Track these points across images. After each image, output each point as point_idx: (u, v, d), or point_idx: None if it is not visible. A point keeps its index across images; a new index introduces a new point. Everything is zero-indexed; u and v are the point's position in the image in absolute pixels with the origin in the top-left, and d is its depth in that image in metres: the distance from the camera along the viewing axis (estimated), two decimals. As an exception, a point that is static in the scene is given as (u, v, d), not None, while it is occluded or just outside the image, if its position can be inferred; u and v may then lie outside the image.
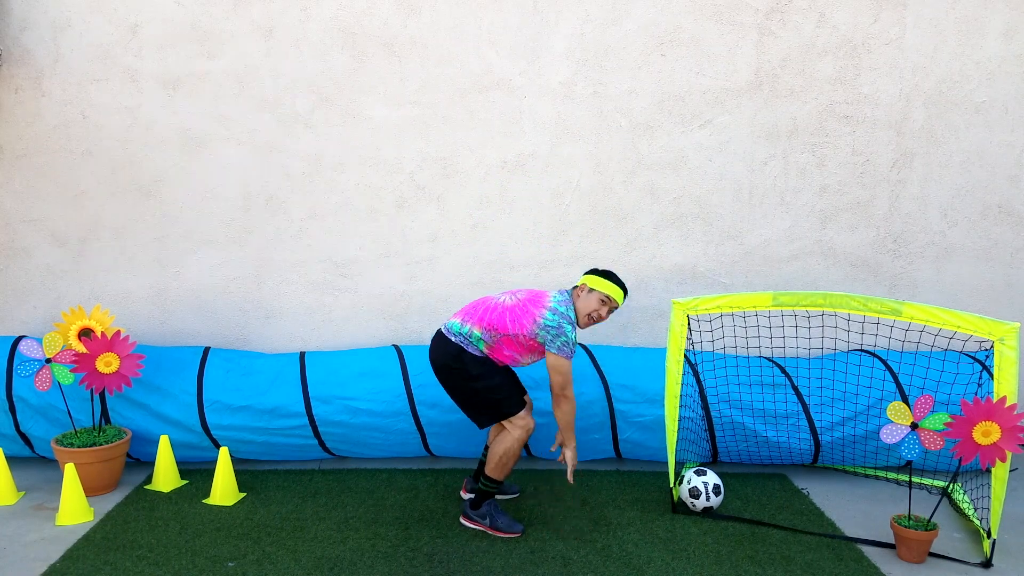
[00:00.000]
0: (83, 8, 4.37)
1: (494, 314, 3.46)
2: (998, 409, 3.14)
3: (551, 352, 3.41)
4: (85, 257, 4.60)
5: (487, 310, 3.49)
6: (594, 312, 3.50)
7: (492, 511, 3.59)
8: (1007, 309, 4.75)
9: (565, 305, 3.46)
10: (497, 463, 3.53)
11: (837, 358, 4.35)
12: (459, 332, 3.50)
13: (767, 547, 3.48)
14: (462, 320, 3.52)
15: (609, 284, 3.51)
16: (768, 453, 4.20)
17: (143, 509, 3.77)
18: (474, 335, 3.47)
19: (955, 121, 4.60)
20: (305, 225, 4.62)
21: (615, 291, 3.51)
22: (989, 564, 3.34)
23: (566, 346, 3.39)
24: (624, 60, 4.51)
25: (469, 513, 3.63)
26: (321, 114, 4.51)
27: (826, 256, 4.72)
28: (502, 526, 3.56)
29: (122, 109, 4.47)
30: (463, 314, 3.54)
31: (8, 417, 4.06)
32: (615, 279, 3.54)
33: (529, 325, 3.41)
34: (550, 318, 3.40)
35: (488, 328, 3.45)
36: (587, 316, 3.50)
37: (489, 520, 3.58)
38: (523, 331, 3.42)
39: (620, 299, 3.54)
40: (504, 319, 3.44)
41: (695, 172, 4.63)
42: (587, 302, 3.50)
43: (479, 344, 3.47)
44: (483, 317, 3.47)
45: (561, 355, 3.40)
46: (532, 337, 3.42)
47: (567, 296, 3.52)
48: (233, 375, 4.20)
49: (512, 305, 3.47)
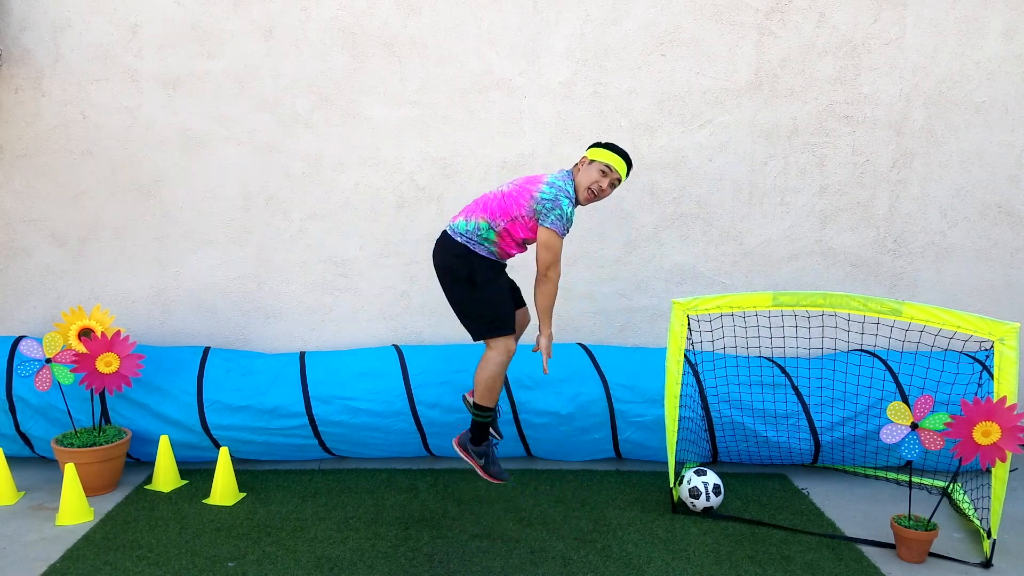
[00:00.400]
0: (83, 8, 4.37)
1: (495, 202, 3.38)
2: (998, 409, 3.14)
3: (543, 226, 3.30)
4: (85, 257, 4.60)
5: (487, 201, 3.41)
6: (594, 184, 3.38)
7: (489, 453, 3.49)
8: (1007, 309, 4.74)
9: (563, 180, 3.37)
10: (483, 389, 3.40)
11: (837, 358, 4.35)
12: (464, 230, 3.39)
13: (767, 547, 3.48)
14: (466, 217, 3.41)
15: (609, 153, 3.38)
16: (768, 453, 4.20)
17: (143, 509, 3.77)
18: (480, 227, 3.36)
19: (955, 121, 4.60)
20: (305, 225, 4.62)
21: (615, 159, 3.38)
22: (989, 564, 3.34)
23: (560, 219, 3.29)
24: (624, 60, 4.51)
25: (467, 446, 3.49)
26: (321, 114, 4.51)
27: (826, 256, 4.72)
28: (493, 472, 3.46)
29: (122, 109, 4.47)
30: (465, 211, 3.44)
31: (8, 417, 4.06)
32: (617, 148, 3.42)
33: (527, 201, 3.32)
34: (546, 191, 3.31)
35: (492, 216, 3.35)
36: (587, 189, 3.38)
37: (484, 461, 3.47)
38: (522, 210, 3.32)
39: (622, 169, 3.40)
40: (507, 203, 3.35)
41: (695, 172, 4.63)
42: (587, 174, 3.39)
43: (488, 235, 3.37)
44: (485, 207, 3.38)
45: (554, 229, 3.29)
46: (531, 215, 3.33)
47: (566, 172, 3.43)
48: (233, 375, 4.20)
49: (510, 190, 3.39)
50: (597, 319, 4.74)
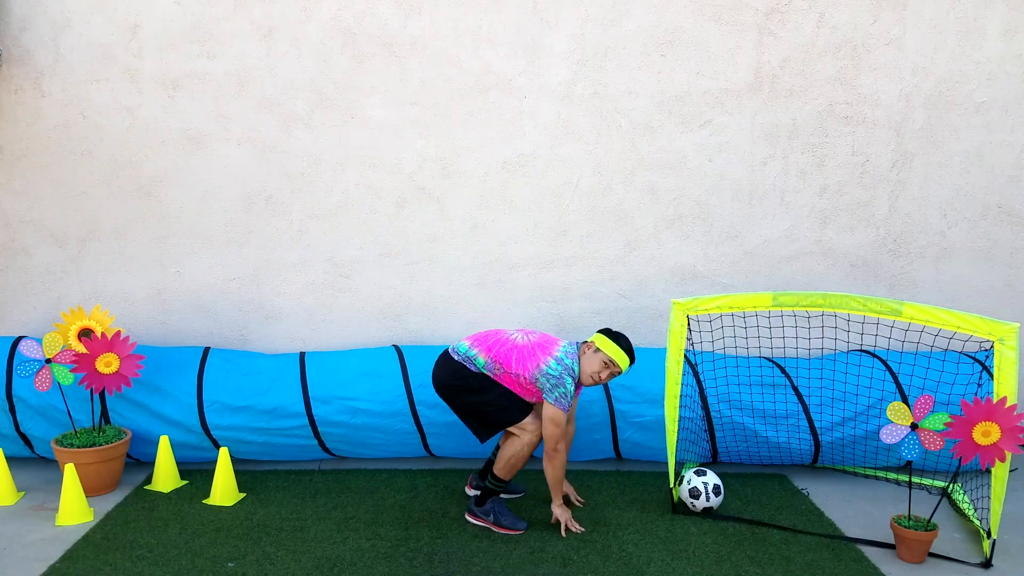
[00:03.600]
0: (83, 8, 4.36)
1: (502, 348, 3.51)
2: (998, 409, 3.14)
3: (548, 402, 3.43)
4: (85, 257, 4.60)
5: (497, 343, 3.54)
6: (595, 374, 3.49)
7: (496, 508, 3.63)
8: (1007, 309, 4.74)
9: (571, 358, 3.46)
10: (505, 464, 3.56)
11: (837, 358, 4.35)
12: (464, 353, 3.56)
13: (767, 547, 3.48)
14: (471, 344, 3.58)
15: (616, 348, 3.47)
16: (768, 453, 4.20)
17: (143, 509, 3.77)
18: (479, 360, 3.52)
19: (955, 121, 4.60)
20: (305, 225, 4.62)
21: (620, 357, 3.47)
22: (989, 564, 3.34)
23: (563, 398, 3.41)
24: (624, 60, 4.51)
25: (474, 510, 3.66)
26: (321, 114, 4.51)
27: (826, 256, 4.72)
28: (506, 523, 3.59)
29: (122, 109, 4.47)
30: (473, 339, 3.60)
31: (8, 417, 4.06)
32: (624, 344, 3.50)
33: (532, 368, 3.44)
34: (554, 367, 3.42)
35: (494, 360, 3.50)
36: (589, 376, 3.49)
37: (493, 517, 3.61)
38: (525, 372, 3.45)
39: (624, 366, 3.50)
40: (511, 356, 3.48)
41: (695, 172, 4.63)
42: (591, 362, 3.49)
43: (482, 369, 3.53)
44: (492, 348, 3.52)
45: (558, 406, 3.41)
46: (532, 381, 3.46)
47: (575, 349, 3.52)
48: (233, 375, 4.20)
49: (523, 345, 3.51)
50: (597, 319, 4.74)
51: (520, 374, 3.47)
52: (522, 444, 3.52)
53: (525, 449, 3.52)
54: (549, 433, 3.45)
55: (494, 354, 3.50)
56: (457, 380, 3.54)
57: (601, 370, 3.48)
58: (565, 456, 3.54)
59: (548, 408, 3.44)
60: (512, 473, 3.58)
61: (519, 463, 3.56)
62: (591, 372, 3.48)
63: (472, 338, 3.62)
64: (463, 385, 3.53)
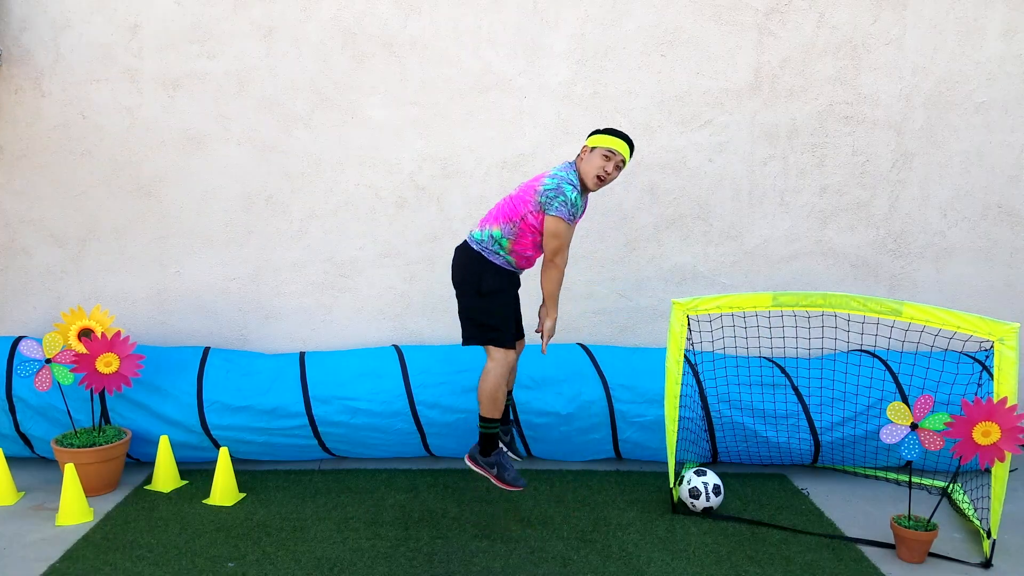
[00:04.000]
0: (83, 8, 4.37)
1: (505, 207, 3.46)
2: (998, 409, 3.14)
3: (549, 214, 3.34)
4: (85, 257, 4.60)
5: (499, 208, 3.49)
6: (600, 170, 3.40)
7: (502, 461, 3.53)
8: (1007, 309, 4.74)
9: (565, 170, 3.41)
10: (486, 400, 3.45)
11: (837, 358, 4.35)
12: (480, 239, 3.47)
13: (767, 547, 3.48)
14: (481, 227, 3.50)
15: (609, 137, 3.40)
16: (768, 453, 4.20)
17: (143, 509, 3.77)
18: (494, 235, 3.44)
19: (955, 121, 4.60)
20: (305, 225, 4.62)
21: (616, 142, 3.40)
22: (989, 564, 3.34)
23: (564, 206, 3.31)
24: (624, 60, 4.51)
25: (477, 458, 3.56)
26: (321, 114, 4.51)
27: (826, 256, 4.72)
28: (508, 478, 3.50)
29: (122, 109, 4.47)
30: (482, 222, 3.52)
31: (8, 417, 4.06)
32: (617, 132, 3.44)
33: (532, 197, 3.37)
34: (548, 182, 3.36)
35: (505, 220, 3.42)
36: (595, 177, 3.41)
37: (497, 470, 3.52)
38: (528, 207, 3.38)
39: (625, 151, 3.42)
40: (514, 205, 3.42)
41: (695, 172, 4.63)
42: (591, 162, 3.41)
43: (502, 243, 3.43)
44: (498, 215, 3.46)
45: (559, 215, 3.32)
46: (537, 209, 3.37)
47: (569, 163, 3.48)
48: (233, 375, 4.20)
49: (518, 192, 3.47)
50: (597, 319, 4.75)
51: (526, 211, 3.37)
52: (496, 375, 3.42)
53: (499, 379, 3.42)
54: (548, 245, 3.37)
55: (502, 216, 3.43)
56: (475, 267, 3.45)
57: (604, 164, 3.40)
58: (562, 271, 3.44)
59: (549, 220, 3.34)
60: (495, 407, 3.45)
61: (497, 393, 3.44)
62: (594, 171, 3.40)
63: (481, 222, 3.52)
64: (477, 278, 3.45)
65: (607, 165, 3.41)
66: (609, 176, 3.44)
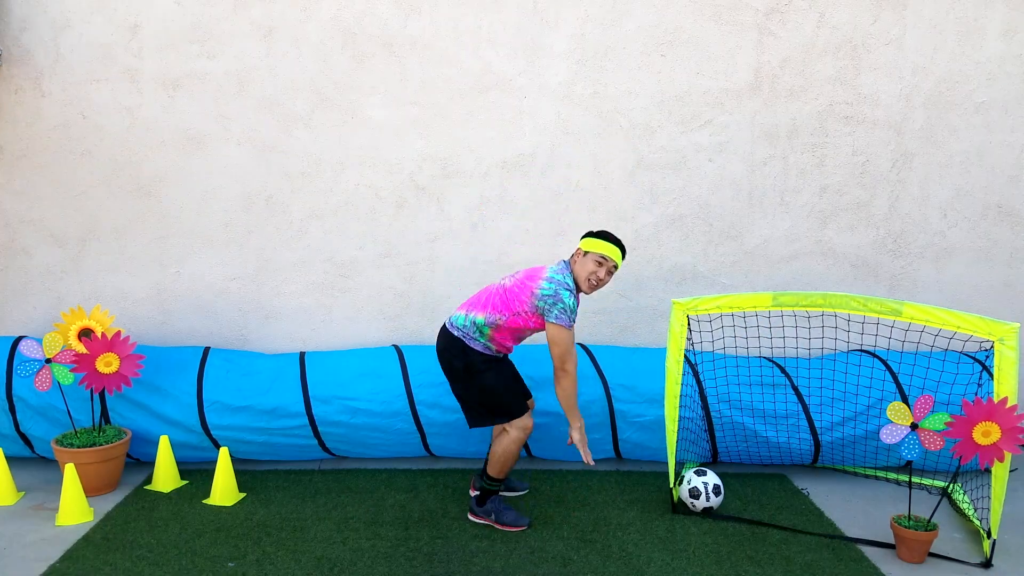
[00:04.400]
0: (83, 8, 4.37)
1: (496, 298, 3.47)
2: (998, 409, 3.14)
3: (550, 322, 3.37)
4: (85, 257, 4.60)
5: (489, 296, 3.50)
6: (592, 275, 3.43)
7: (497, 507, 3.63)
8: (1007, 309, 4.75)
9: (562, 273, 3.42)
10: (496, 462, 3.55)
11: (837, 358, 4.35)
12: (462, 325, 3.50)
13: (767, 547, 3.48)
14: (466, 312, 3.52)
15: (602, 243, 3.43)
16: (768, 453, 4.20)
17: (143, 509, 3.77)
18: (477, 322, 3.46)
19: (955, 121, 4.60)
20: (305, 225, 4.62)
21: (610, 249, 3.43)
22: (989, 564, 3.34)
23: (564, 313, 3.34)
24: (624, 60, 4.51)
25: (475, 509, 3.67)
26: (321, 114, 4.51)
27: (826, 256, 4.72)
28: (508, 520, 3.59)
29: (122, 109, 4.47)
30: (466, 306, 3.54)
31: (8, 417, 4.06)
32: (610, 237, 3.46)
33: (528, 298, 3.39)
34: (546, 287, 3.37)
35: (492, 312, 3.43)
36: (587, 281, 3.43)
37: (495, 516, 3.62)
38: (523, 306, 3.40)
39: (617, 257, 3.45)
40: (506, 300, 3.43)
41: (695, 172, 4.63)
42: (583, 266, 3.44)
43: (483, 331, 3.46)
44: (486, 303, 3.47)
45: (560, 323, 3.35)
46: (533, 311, 3.40)
47: (564, 264, 3.48)
48: (233, 375, 4.20)
49: (511, 285, 3.47)
50: (597, 319, 4.75)
51: (520, 311, 3.40)
52: (511, 440, 3.50)
53: (514, 445, 3.50)
54: (553, 354, 3.38)
55: (491, 307, 3.45)
56: (460, 357, 3.48)
57: (596, 269, 3.42)
58: (574, 377, 3.43)
59: (550, 328, 3.37)
60: (504, 470, 3.56)
61: (509, 460, 3.53)
62: (587, 275, 3.42)
63: (464, 305, 3.55)
64: (466, 364, 3.47)
65: (599, 271, 3.44)
66: (601, 282, 3.46)
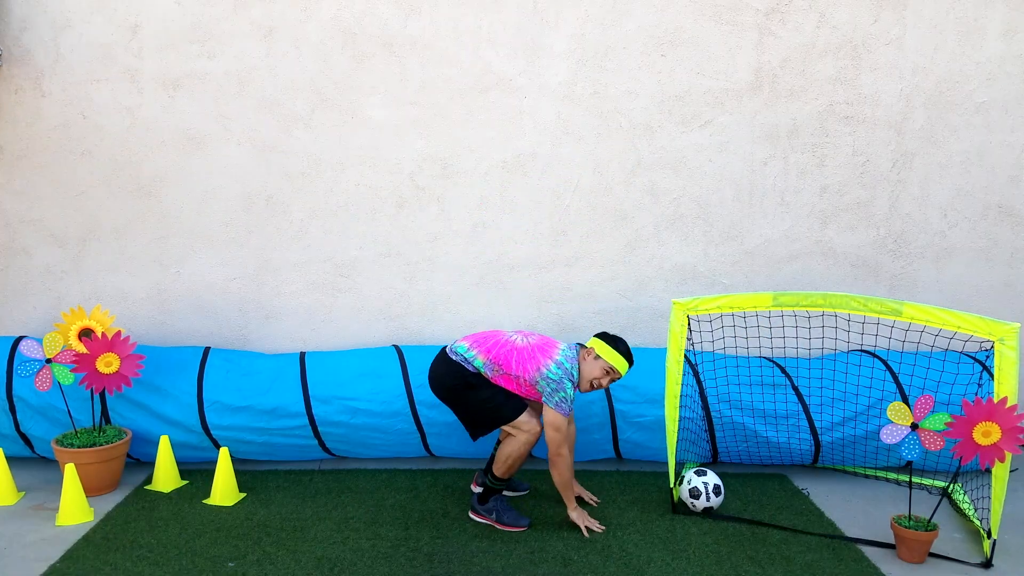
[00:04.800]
0: (83, 8, 4.36)
1: (502, 350, 3.51)
2: (999, 409, 3.14)
3: (548, 407, 3.43)
4: (85, 257, 4.60)
5: (496, 344, 3.54)
6: (596, 380, 3.50)
7: (498, 506, 3.64)
8: (1007, 309, 4.74)
9: (571, 362, 3.47)
10: (504, 463, 3.56)
11: (837, 358, 4.35)
12: (463, 354, 3.55)
13: (767, 547, 3.48)
14: (469, 345, 3.57)
15: (615, 355, 3.48)
16: (768, 453, 4.20)
17: (143, 509, 3.77)
18: (477, 361, 3.52)
19: (955, 121, 4.60)
20: (305, 225, 4.62)
21: (620, 363, 3.48)
22: (989, 564, 3.34)
23: (563, 402, 3.41)
24: (624, 60, 4.51)
25: (476, 507, 3.68)
26: (321, 114, 4.51)
27: (826, 256, 4.72)
28: (508, 520, 3.60)
29: (122, 109, 4.47)
30: (472, 340, 3.60)
31: (8, 417, 4.06)
32: (623, 349, 3.51)
33: (532, 371, 3.44)
34: (554, 371, 3.42)
35: (493, 362, 3.50)
36: (588, 382, 3.50)
37: (495, 515, 3.63)
38: (525, 375, 3.45)
39: (624, 372, 3.52)
40: (511, 358, 3.48)
41: (695, 172, 4.63)
42: (591, 368, 3.49)
43: (482, 370, 3.53)
44: (491, 350, 3.52)
45: (558, 411, 3.41)
46: (532, 384, 3.46)
47: (575, 353, 3.53)
48: (233, 375, 4.20)
49: (522, 347, 3.51)
50: (597, 319, 4.74)
51: (520, 376, 3.47)
52: (519, 443, 3.52)
53: (523, 448, 3.52)
54: (551, 438, 3.44)
55: (493, 356, 3.51)
56: (455, 379, 3.54)
57: (602, 377, 3.49)
58: (569, 459, 3.53)
59: (548, 413, 3.43)
60: (511, 472, 3.58)
61: (517, 462, 3.56)
62: (591, 378, 3.49)
63: (470, 338, 3.62)
64: (460, 383, 3.54)
65: (603, 379, 3.50)
66: (601, 387, 3.53)
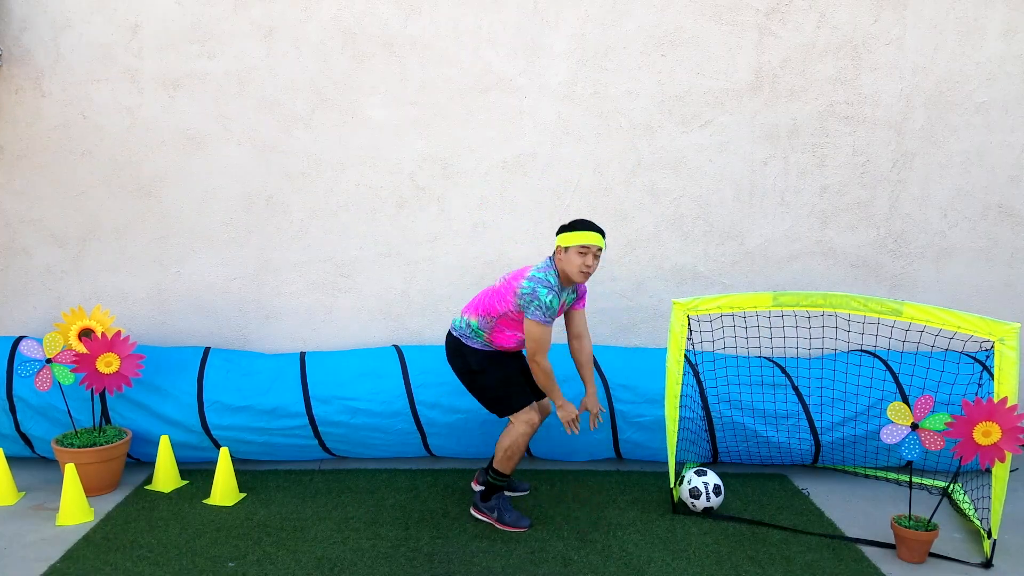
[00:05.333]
0: (83, 8, 4.36)
1: (484, 300, 3.54)
2: (999, 409, 3.14)
3: (526, 318, 3.40)
4: (85, 257, 4.60)
5: (479, 298, 3.59)
6: (581, 266, 3.41)
7: (500, 505, 3.64)
8: (1007, 309, 4.75)
9: (544, 271, 3.44)
10: (502, 456, 3.56)
11: (837, 358, 4.35)
12: (458, 326, 3.61)
13: (767, 547, 3.48)
14: (463, 314, 3.62)
15: (574, 234, 3.40)
16: (768, 453, 4.20)
17: (143, 509, 3.77)
18: (471, 325, 3.55)
19: (955, 121, 4.60)
20: (305, 225, 4.62)
21: (582, 237, 3.38)
22: (989, 564, 3.34)
23: (539, 310, 3.36)
24: (624, 60, 4.51)
25: (479, 505, 3.68)
26: (321, 114, 4.51)
27: (826, 256, 4.72)
28: (509, 520, 3.60)
29: (122, 109, 4.47)
30: (465, 308, 3.65)
31: (8, 417, 4.06)
32: (584, 224, 3.42)
33: (512, 298, 3.44)
34: (525, 285, 3.40)
35: (482, 314, 3.52)
36: (578, 272, 3.42)
37: (497, 513, 3.63)
38: (509, 306, 3.45)
39: (598, 241, 3.41)
40: (493, 301, 3.50)
41: (695, 172, 4.63)
42: (569, 262, 3.42)
43: (479, 332, 3.54)
44: (478, 306, 3.56)
45: (534, 319, 3.37)
46: (517, 309, 3.44)
47: (549, 262, 3.49)
48: (233, 375, 4.20)
49: (499, 285, 3.53)
50: (597, 319, 4.74)
51: (506, 311, 3.45)
52: (517, 434, 3.51)
53: (520, 439, 3.51)
54: (528, 347, 3.42)
55: (481, 309, 3.52)
56: (458, 357, 3.60)
57: (582, 260, 3.40)
58: (544, 369, 3.44)
59: (525, 323, 3.40)
60: (510, 464, 3.57)
61: (516, 454, 3.54)
62: (576, 269, 3.40)
63: (464, 308, 3.65)
64: (464, 365, 3.59)
65: (586, 260, 3.41)
66: (591, 268, 3.44)
